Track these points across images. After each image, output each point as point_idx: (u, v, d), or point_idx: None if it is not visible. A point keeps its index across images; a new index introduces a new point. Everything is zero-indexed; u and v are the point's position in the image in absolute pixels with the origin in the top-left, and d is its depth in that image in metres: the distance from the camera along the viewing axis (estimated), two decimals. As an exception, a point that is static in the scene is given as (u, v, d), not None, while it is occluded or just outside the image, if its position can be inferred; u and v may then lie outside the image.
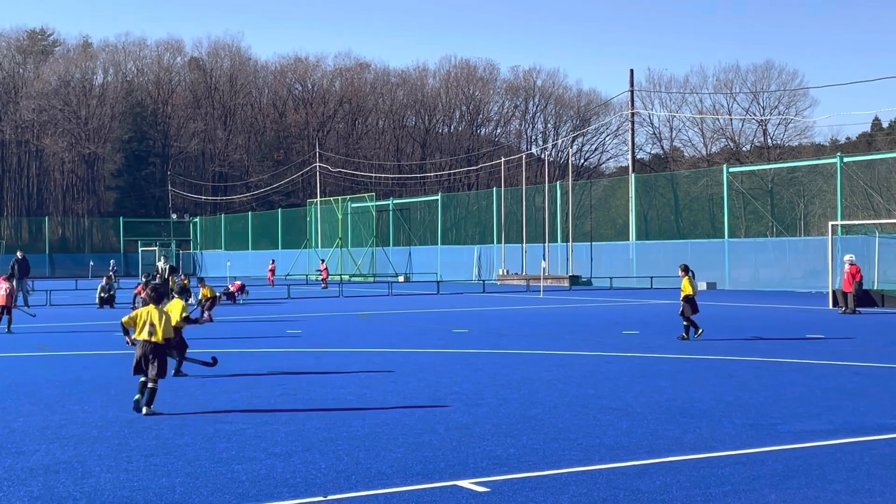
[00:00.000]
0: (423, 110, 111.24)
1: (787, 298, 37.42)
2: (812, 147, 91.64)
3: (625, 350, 18.39)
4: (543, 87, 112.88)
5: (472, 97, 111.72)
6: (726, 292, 43.62)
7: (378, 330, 24.16)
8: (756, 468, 8.46)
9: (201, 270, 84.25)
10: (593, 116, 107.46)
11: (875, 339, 20.73)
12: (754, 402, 12.08)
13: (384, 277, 64.25)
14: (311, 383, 14.13)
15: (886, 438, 9.68)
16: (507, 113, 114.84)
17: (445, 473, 8.37)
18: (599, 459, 8.86)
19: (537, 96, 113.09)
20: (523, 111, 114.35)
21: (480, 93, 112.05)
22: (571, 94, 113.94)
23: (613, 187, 64.50)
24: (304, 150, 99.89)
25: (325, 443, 9.70)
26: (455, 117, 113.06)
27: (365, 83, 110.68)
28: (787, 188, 56.10)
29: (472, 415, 11.26)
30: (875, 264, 35.32)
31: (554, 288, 48.27)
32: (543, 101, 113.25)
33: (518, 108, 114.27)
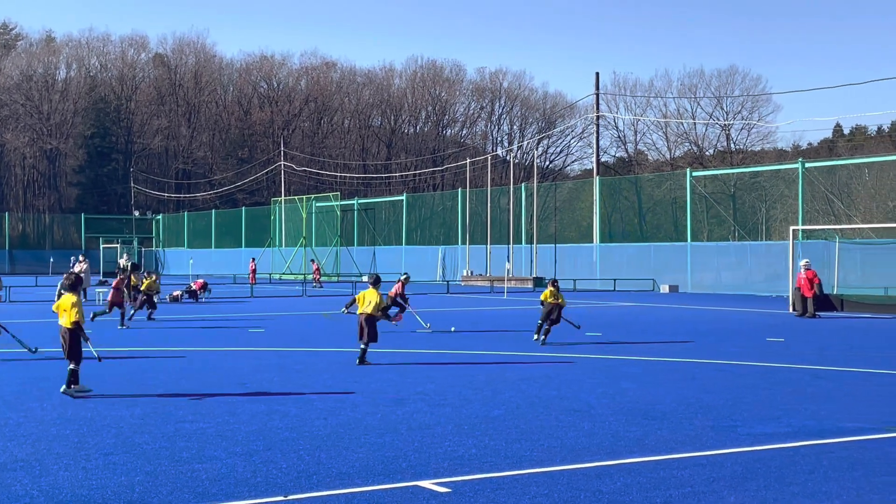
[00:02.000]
0: (389, 110, 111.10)
1: (749, 302, 37.75)
2: (774, 152, 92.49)
3: (587, 352, 18.46)
4: (509, 88, 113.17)
5: (439, 98, 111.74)
6: (688, 295, 43.93)
7: (341, 329, 24.09)
8: (716, 470, 8.52)
9: (164, 268, 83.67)
10: (559, 119, 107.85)
11: (834, 342, 20.95)
12: (715, 404, 12.17)
13: (348, 277, 64.09)
14: (274, 382, 14.06)
15: (844, 441, 9.78)
16: (473, 114, 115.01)
17: (407, 474, 8.36)
18: (561, 460, 8.89)
19: (503, 98, 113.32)
20: (489, 112, 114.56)
21: (446, 94, 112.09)
22: (537, 97, 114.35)
23: (578, 190, 64.77)
24: (269, 148, 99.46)
25: (287, 442, 9.66)
26: (421, 118, 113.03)
27: (331, 82, 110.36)
28: (749, 193, 56.61)
29: (435, 415, 11.26)
30: (835, 269, 35.70)
31: (518, 289, 48.37)
32: (509, 102, 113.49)
33: (484, 109, 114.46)
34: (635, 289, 47.73)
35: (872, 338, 22.28)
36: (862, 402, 12.38)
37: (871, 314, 29.58)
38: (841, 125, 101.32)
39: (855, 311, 30.71)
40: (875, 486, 7.95)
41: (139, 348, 19.18)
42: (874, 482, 8.06)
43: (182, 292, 37.45)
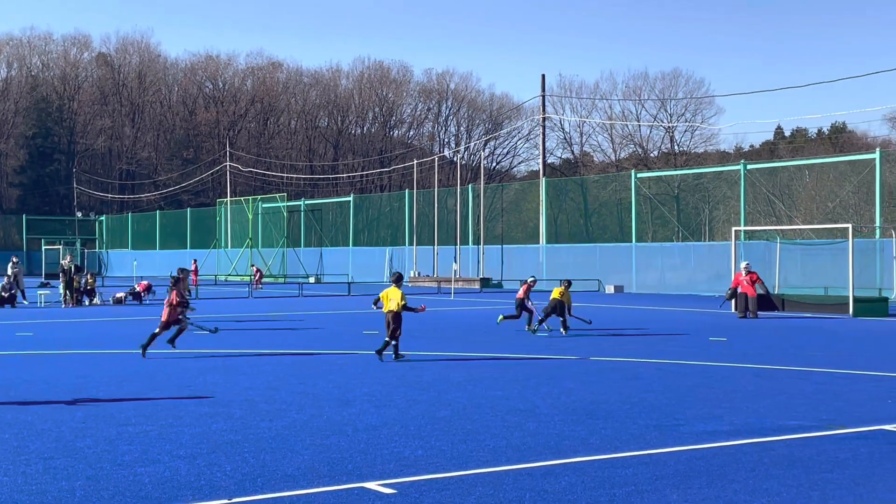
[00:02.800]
0: (336, 111, 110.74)
1: (692, 302, 38.17)
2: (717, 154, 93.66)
3: (533, 352, 18.55)
4: (456, 90, 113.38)
5: (386, 99, 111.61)
6: (633, 295, 44.31)
7: (288, 331, 23.98)
8: (659, 468, 8.60)
9: (107, 269, 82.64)
10: (505, 120, 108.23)
11: (775, 342, 21.26)
12: (658, 403, 12.29)
13: (295, 278, 63.77)
14: (218, 384, 13.95)
15: (785, 439, 9.93)
16: (420, 115, 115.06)
17: (352, 475, 8.34)
18: (506, 460, 8.92)
19: (450, 99, 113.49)
20: (436, 114, 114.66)
21: (394, 95, 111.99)
22: (484, 98, 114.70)
23: (524, 191, 65.09)
24: (215, 149, 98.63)
25: (231, 445, 9.59)
26: (368, 119, 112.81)
27: (277, 83, 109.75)
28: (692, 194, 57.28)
29: (381, 416, 11.25)
30: (776, 269, 36.21)
31: (465, 290, 48.47)
32: (456, 104, 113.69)
33: (431, 110, 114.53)
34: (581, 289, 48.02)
35: (812, 337, 22.65)
36: (802, 400, 12.58)
37: (812, 314, 30.05)
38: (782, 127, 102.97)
39: (795, 310, 31.17)
40: (815, 482, 8.08)
41: (81, 350, 18.93)
42: (814, 479, 8.20)
43: (126, 294, 37.04)
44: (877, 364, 16.76)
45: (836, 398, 12.75)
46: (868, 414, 11.46)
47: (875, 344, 20.91)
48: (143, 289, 37.60)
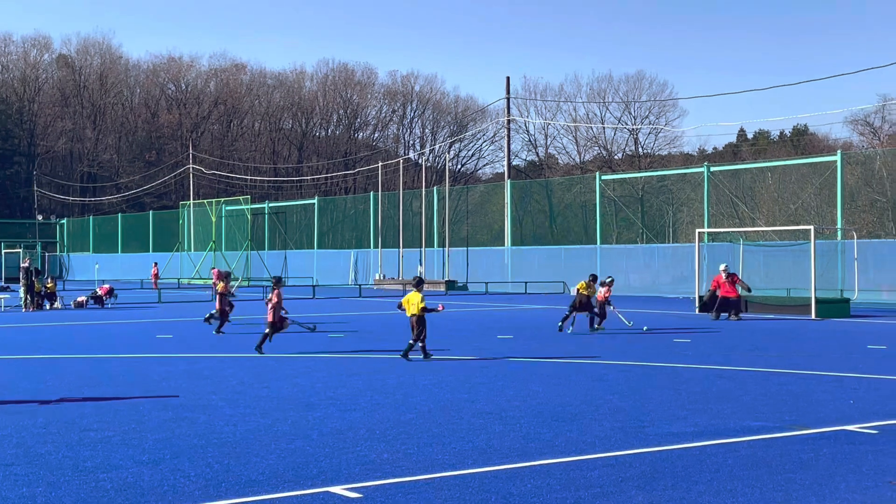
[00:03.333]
0: (300, 113, 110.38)
1: (656, 303, 38.36)
2: (681, 156, 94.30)
3: (499, 354, 18.56)
4: (421, 92, 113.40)
5: (350, 101, 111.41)
6: (598, 297, 44.42)
7: (252, 335, 23.82)
8: (624, 470, 8.62)
9: (68, 273, 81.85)
10: (470, 123, 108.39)
11: (738, 343, 21.41)
12: (623, 405, 12.33)
13: (259, 281, 63.44)
14: (182, 389, 13.83)
15: (748, 440, 9.99)
16: (385, 117, 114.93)
17: (318, 480, 8.29)
18: (472, 463, 8.91)
19: (415, 101, 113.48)
20: (401, 116, 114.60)
21: (358, 97, 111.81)
22: (449, 100, 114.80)
23: (489, 193, 65.19)
24: (178, 151, 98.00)
25: (195, 450, 9.50)
26: (332, 121, 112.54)
27: (241, 84, 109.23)
28: (656, 196, 57.63)
29: (346, 420, 11.20)
30: (739, 271, 36.47)
31: (430, 293, 48.41)
32: (421, 106, 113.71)
33: (396, 112, 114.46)
34: (546, 291, 48.17)
35: (775, 338, 22.84)
36: (765, 401, 12.66)
37: (774, 315, 30.30)
38: (745, 130, 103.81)
39: (758, 312, 31.42)
40: (778, 483, 8.13)
41: (42, 356, 18.72)
42: (777, 480, 8.25)
43: (87, 298, 36.67)
44: (839, 365, 16.92)
45: (798, 399, 12.85)
46: (830, 414, 11.56)
47: (837, 345, 21.12)
48: (104, 293, 37.24)
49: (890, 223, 51.57)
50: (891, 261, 39.12)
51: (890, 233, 49.86)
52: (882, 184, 52.84)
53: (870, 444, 9.73)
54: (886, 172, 53.23)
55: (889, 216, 52.12)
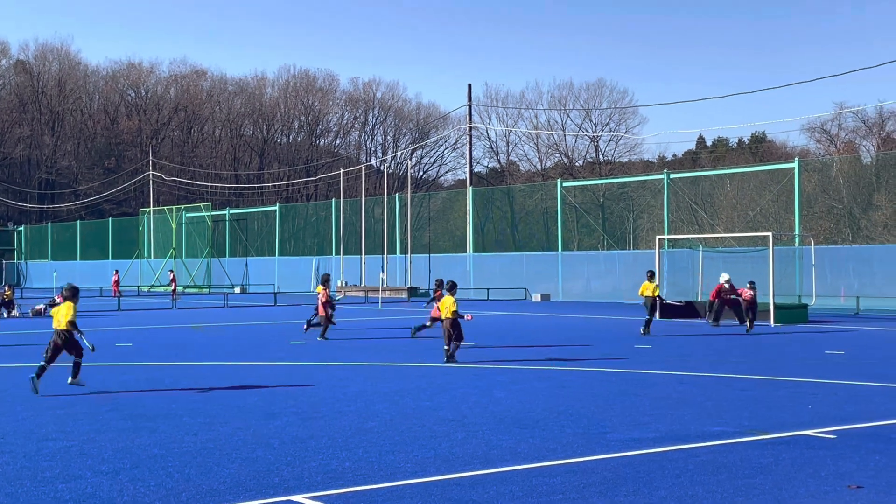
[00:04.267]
0: (262, 119, 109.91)
1: (618, 310, 38.57)
2: (641, 163, 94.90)
3: (461, 361, 18.55)
4: (383, 99, 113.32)
5: (312, 108, 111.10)
6: (559, 304, 44.64)
7: (213, 342, 23.68)
8: (586, 476, 8.66)
9: (26, 281, 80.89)
10: (432, 129, 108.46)
11: (698, 349, 21.57)
12: (585, 411, 12.38)
13: (220, 289, 63.06)
14: (142, 398, 13.71)
15: (709, 445, 10.06)
16: (347, 124, 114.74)
17: (280, 488, 8.25)
18: (435, 471, 8.90)
19: (377, 108, 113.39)
20: (363, 123, 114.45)
21: (320, 103, 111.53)
22: (411, 107, 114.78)
23: (451, 200, 65.26)
24: (137, 157, 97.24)
25: (155, 459, 9.42)
26: (294, 127, 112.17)
27: (201, 91, 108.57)
28: (617, 203, 57.94)
29: (308, 428, 11.15)
30: (699, 277, 36.77)
31: (392, 300, 48.37)
32: (383, 113, 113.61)
33: (358, 119, 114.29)
34: (508, 297, 48.27)
35: (733, 344, 23.04)
36: (725, 406, 12.76)
37: (732, 321, 30.53)
38: (704, 137, 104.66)
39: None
40: (739, 488, 8.20)
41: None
42: (738, 485, 8.31)
43: (45, 306, 36.22)
44: (797, 370, 17.10)
45: (758, 404, 12.96)
46: (789, 419, 11.67)
47: (796, 350, 21.35)
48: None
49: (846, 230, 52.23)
50: (847, 267, 39.61)
51: (846, 239, 50.50)
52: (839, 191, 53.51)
53: (828, 449, 9.83)
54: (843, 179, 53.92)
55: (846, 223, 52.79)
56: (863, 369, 17.23)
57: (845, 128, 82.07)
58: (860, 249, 43.12)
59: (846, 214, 52.74)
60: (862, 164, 58.80)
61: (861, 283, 38.66)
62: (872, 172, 55.00)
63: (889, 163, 54.42)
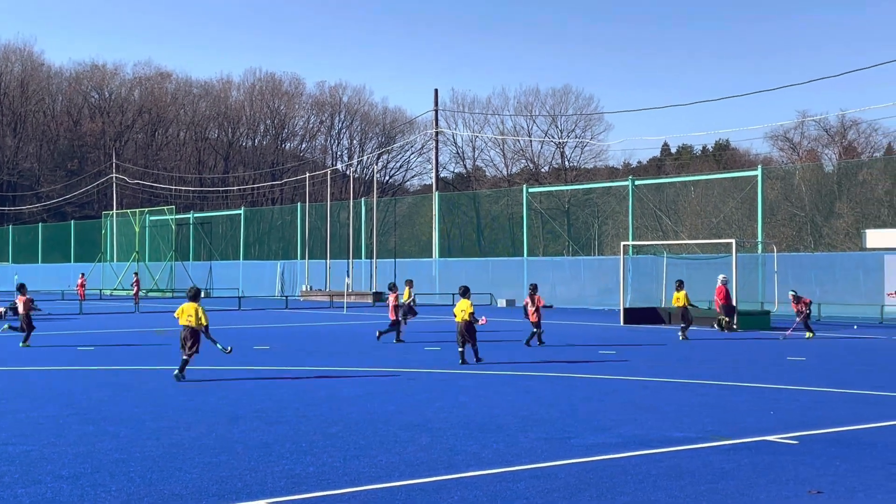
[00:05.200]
0: (227, 123, 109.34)
1: (582, 315, 38.72)
2: (606, 170, 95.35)
3: (427, 366, 18.56)
4: (349, 103, 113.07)
5: (277, 111, 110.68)
6: (525, 309, 44.66)
7: (176, 347, 23.48)
8: (550, 481, 8.68)
9: (-14, 284, 79.85)
10: (398, 134, 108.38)
11: (662, 355, 21.70)
12: (549, 416, 12.41)
13: (183, 293, 62.59)
14: (104, 402, 13.59)
15: (672, 451, 10.12)
16: (313, 128, 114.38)
17: (242, 493, 8.20)
18: (399, 476, 8.89)
19: (343, 112, 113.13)
20: (329, 127, 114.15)
21: (286, 107, 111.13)
22: (377, 112, 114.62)
23: (417, 205, 65.27)
24: (101, 160, 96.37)
25: (116, 464, 9.34)
26: (259, 131, 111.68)
27: (166, 93, 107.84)
28: (582, 209, 58.20)
29: (272, 433, 11.10)
30: (663, 284, 37.00)
31: (358, 304, 48.26)
32: (349, 117, 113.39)
33: (324, 123, 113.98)
34: (474, 303, 48.28)
35: (697, 350, 23.19)
36: (688, 412, 12.85)
37: (697, 326, 30.73)
38: (668, 144, 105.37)
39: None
40: (700, 493, 8.25)
41: (-42, 369, 18.24)
42: (699, 490, 8.37)
43: (6, 309, 35.79)
44: (759, 376, 17.24)
45: (720, 410, 13.06)
46: (751, 425, 11.76)
47: (758, 356, 21.52)
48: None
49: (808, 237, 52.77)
50: (809, 274, 40.00)
51: (808, 246, 51.01)
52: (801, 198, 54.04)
53: (790, 455, 9.92)
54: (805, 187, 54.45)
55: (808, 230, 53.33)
56: (824, 375, 17.40)
57: (808, 136, 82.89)
58: (822, 257, 43.56)
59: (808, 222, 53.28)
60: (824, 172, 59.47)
61: (823, 290, 39.05)
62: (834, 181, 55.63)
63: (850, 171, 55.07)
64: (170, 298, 60.09)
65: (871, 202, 52.12)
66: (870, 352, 22.87)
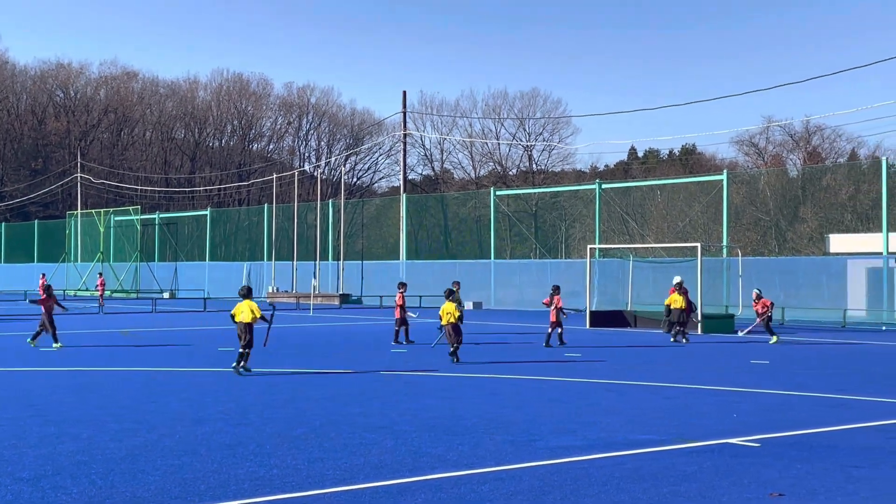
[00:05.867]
0: (193, 123, 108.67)
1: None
2: (574, 173, 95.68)
3: (393, 368, 18.54)
4: (317, 104, 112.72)
5: (245, 112, 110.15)
6: (492, 312, 44.81)
7: (140, 348, 23.35)
8: (514, 484, 8.69)
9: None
10: (367, 136, 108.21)
11: (627, 358, 21.81)
12: (514, 419, 12.43)
13: (148, 293, 62.18)
14: (66, 404, 13.47)
15: (635, 453, 10.17)
16: (281, 129, 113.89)
17: (205, 496, 8.15)
18: (364, 478, 8.87)
19: (311, 114, 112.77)
20: (297, 128, 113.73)
21: (253, 108, 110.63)
22: (345, 113, 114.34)
23: (385, 207, 65.20)
24: (65, 159, 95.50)
25: (78, 466, 9.26)
26: (226, 131, 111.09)
27: (132, 93, 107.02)
28: (550, 212, 58.39)
29: (236, 435, 11.04)
30: (629, 286, 37.19)
31: (324, 306, 48.14)
32: (317, 118, 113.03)
33: (291, 124, 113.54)
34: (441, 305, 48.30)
35: (662, 353, 23.33)
36: (652, 414, 12.92)
37: (662, 330, 30.91)
38: (636, 148, 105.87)
39: (646, 326, 32.05)
40: (664, 495, 8.29)
41: (-83, 369, 18.01)
42: (663, 492, 8.41)
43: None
44: (723, 379, 17.36)
45: (684, 412, 13.14)
46: (714, 427, 11.85)
47: (721, 359, 21.68)
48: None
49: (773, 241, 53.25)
50: (773, 278, 40.34)
51: (773, 251, 51.48)
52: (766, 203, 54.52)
53: (752, 457, 10.00)
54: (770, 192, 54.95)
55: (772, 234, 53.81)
56: (786, 379, 17.56)
57: (773, 141, 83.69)
58: (786, 261, 43.97)
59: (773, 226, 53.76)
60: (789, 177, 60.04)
61: (786, 294, 39.40)
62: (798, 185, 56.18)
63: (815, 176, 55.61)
64: (134, 299, 59.64)
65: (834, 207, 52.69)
66: (832, 356, 23.10)
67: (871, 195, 49.20)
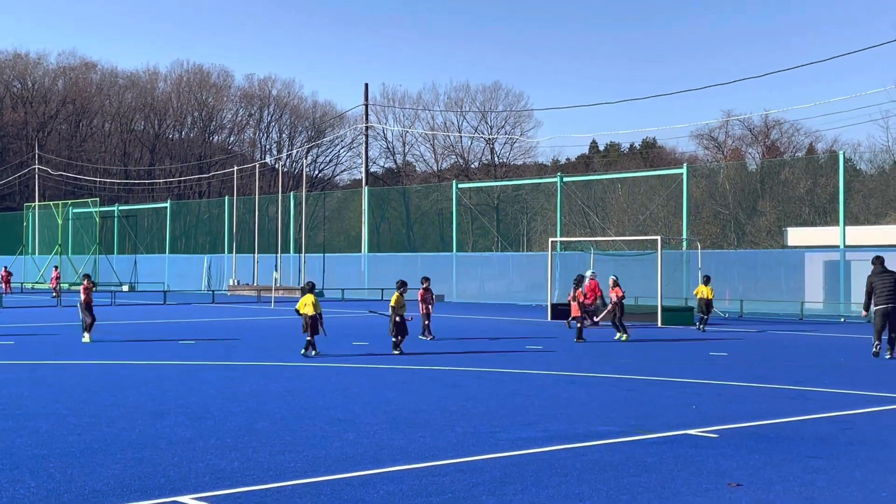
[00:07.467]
0: (153, 114, 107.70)
1: (510, 311, 38.95)
2: (535, 166, 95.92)
3: (355, 361, 18.52)
4: (279, 96, 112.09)
5: (205, 103, 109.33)
6: (453, 304, 44.86)
7: (98, 341, 23.15)
8: (476, 475, 8.72)
9: None
10: (328, 128, 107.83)
11: (588, 350, 21.93)
12: (476, 411, 12.47)
13: (107, 286, 61.62)
14: (23, 397, 13.33)
15: (596, 444, 10.24)
16: (241, 121, 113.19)
17: (165, 489, 8.11)
18: (325, 471, 8.86)
19: (272, 106, 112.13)
20: (258, 120, 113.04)
21: (214, 99, 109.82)
22: (307, 105, 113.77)
23: (347, 199, 65.07)
24: (23, 150, 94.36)
25: (36, 460, 9.17)
26: (187, 123, 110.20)
27: (90, 84, 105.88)
28: (511, 205, 58.56)
29: (196, 429, 10.99)
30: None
31: (285, 299, 47.95)
32: (278, 110, 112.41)
33: (252, 116, 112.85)
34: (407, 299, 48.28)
35: (622, 345, 23.48)
36: (612, 406, 13.01)
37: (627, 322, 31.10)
38: (597, 142, 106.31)
39: (607, 319, 32.19)
40: (624, 486, 8.36)
41: None
42: (623, 483, 8.48)
43: None
44: (682, 371, 17.51)
45: (644, 404, 13.24)
46: (674, 419, 11.95)
47: (681, 352, 21.86)
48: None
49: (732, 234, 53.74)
50: (732, 271, 40.73)
51: (732, 244, 51.95)
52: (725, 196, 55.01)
53: (710, 448, 10.10)
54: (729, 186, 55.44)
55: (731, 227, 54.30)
56: (745, 371, 17.74)
57: (732, 135, 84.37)
58: (745, 254, 44.41)
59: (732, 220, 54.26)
60: (748, 171, 60.59)
61: (745, 286, 39.80)
62: (757, 179, 56.73)
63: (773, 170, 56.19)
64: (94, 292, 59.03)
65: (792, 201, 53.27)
66: (789, 348, 23.37)
67: (828, 189, 49.81)
